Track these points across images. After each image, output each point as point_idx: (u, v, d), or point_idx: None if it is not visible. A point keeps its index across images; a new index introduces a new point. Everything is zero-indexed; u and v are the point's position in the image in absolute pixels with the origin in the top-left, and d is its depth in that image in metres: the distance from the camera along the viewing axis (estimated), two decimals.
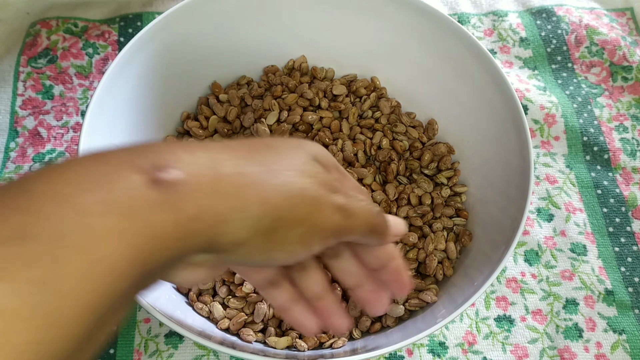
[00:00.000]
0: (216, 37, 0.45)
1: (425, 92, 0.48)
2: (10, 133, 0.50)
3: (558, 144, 0.52)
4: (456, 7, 0.60)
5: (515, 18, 0.59)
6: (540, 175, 0.50)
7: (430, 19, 0.43)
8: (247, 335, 0.38)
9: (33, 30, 0.55)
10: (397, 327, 0.39)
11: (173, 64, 0.44)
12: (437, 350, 0.42)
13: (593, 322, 0.44)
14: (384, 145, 0.46)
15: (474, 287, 0.34)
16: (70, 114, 0.51)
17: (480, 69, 0.42)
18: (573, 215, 0.48)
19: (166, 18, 0.41)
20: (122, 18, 0.56)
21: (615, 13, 0.61)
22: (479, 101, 0.43)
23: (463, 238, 0.42)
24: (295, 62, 0.49)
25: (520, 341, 0.43)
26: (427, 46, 0.45)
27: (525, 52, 0.57)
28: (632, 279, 0.46)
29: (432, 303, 0.39)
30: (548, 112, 0.53)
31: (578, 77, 0.56)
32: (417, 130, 0.47)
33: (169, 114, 0.46)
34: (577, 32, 0.58)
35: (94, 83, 0.53)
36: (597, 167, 0.51)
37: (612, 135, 0.52)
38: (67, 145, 0.49)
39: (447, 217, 0.43)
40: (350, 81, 0.49)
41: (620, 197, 0.49)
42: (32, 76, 0.53)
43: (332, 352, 0.37)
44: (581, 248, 0.47)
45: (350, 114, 0.47)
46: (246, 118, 0.46)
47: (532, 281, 0.45)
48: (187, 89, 0.47)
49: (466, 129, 0.46)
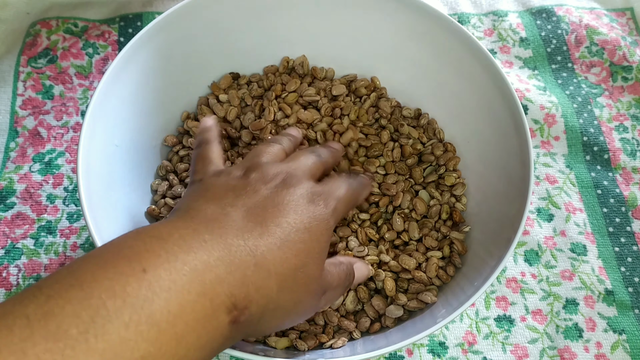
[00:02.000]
0: (216, 37, 0.45)
1: (425, 92, 0.48)
2: (10, 133, 0.50)
3: (558, 144, 0.52)
4: (456, 7, 0.60)
5: (515, 18, 0.59)
6: (540, 175, 0.50)
7: (430, 19, 0.43)
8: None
9: (33, 30, 0.55)
10: (397, 327, 0.39)
11: (173, 64, 0.44)
12: (437, 350, 0.42)
13: (593, 322, 0.44)
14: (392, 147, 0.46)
15: (474, 287, 0.34)
16: (70, 114, 0.51)
17: (480, 69, 0.42)
18: (573, 215, 0.48)
19: (166, 18, 0.41)
20: (122, 18, 0.56)
21: (615, 13, 0.61)
22: (479, 101, 0.43)
23: (455, 258, 0.42)
24: (295, 62, 0.49)
25: (520, 341, 0.43)
26: (427, 46, 0.45)
27: (525, 52, 0.57)
28: (632, 279, 0.46)
29: (431, 304, 0.39)
30: (548, 112, 0.53)
31: (578, 77, 0.56)
32: (417, 131, 0.47)
33: (169, 114, 0.46)
34: (577, 32, 0.58)
35: (94, 83, 0.53)
36: (597, 167, 0.51)
37: (612, 135, 0.52)
38: (67, 145, 0.50)
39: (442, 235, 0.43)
40: (350, 81, 0.49)
41: (620, 197, 0.49)
42: (32, 76, 0.53)
43: (332, 352, 0.37)
44: (581, 248, 0.47)
45: (352, 112, 0.47)
46: (246, 118, 0.46)
47: (532, 281, 0.45)
48: (187, 89, 0.47)
49: (466, 129, 0.46)
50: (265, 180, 0.29)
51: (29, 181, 0.47)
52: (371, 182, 0.35)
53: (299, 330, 0.39)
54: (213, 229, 0.25)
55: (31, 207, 0.47)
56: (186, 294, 0.22)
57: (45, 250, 0.45)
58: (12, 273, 0.44)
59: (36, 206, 0.47)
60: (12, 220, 0.46)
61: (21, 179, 0.48)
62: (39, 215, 0.46)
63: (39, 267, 0.44)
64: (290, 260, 0.26)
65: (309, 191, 0.29)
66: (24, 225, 0.46)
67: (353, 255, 0.41)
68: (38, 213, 0.46)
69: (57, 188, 0.48)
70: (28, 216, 0.46)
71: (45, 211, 0.47)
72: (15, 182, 0.47)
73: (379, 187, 0.44)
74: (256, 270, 0.25)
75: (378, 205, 0.44)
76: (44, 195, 0.47)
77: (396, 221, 0.43)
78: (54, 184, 0.48)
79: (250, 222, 0.26)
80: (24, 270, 0.44)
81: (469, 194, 0.45)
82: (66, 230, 0.46)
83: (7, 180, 0.47)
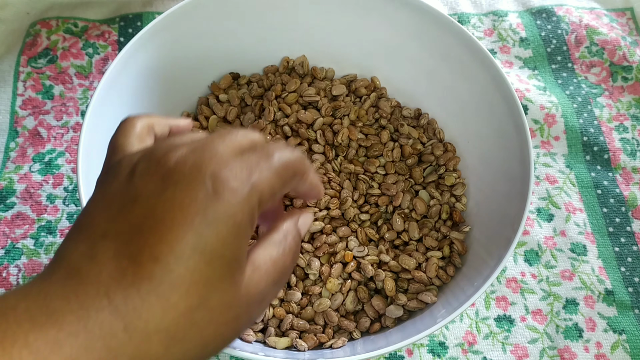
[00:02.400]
0: (216, 37, 0.45)
1: (425, 92, 0.48)
2: (10, 133, 0.50)
3: (558, 144, 0.52)
4: (456, 7, 0.60)
5: (515, 18, 0.59)
6: (540, 175, 0.50)
7: (430, 18, 0.43)
8: (247, 335, 0.38)
9: (33, 30, 0.55)
10: (397, 327, 0.39)
11: (173, 64, 0.44)
12: (437, 350, 0.42)
13: (593, 322, 0.44)
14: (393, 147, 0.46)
15: (474, 287, 0.34)
16: (70, 114, 0.51)
17: (480, 68, 0.42)
18: (573, 215, 0.48)
19: (166, 18, 0.41)
20: (122, 18, 0.56)
21: (615, 13, 0.61)
22: (479, 101, 0.43)
23: (455, 258, 0.42)
24: (295, 62, 0.49)
25: (520, 341, 0.43)
26: (427, 46, 0.45)
27: (525, 52, 0.57)
28: (632, 279, 0.46)
29: (431, 304, 0.39)
30: (548, 112, 0.53)
31: (578, 77, 0.56)
32: (417, 131, 0.47)
33: (169, 114, 0.46)
34: (577, 32, 0.58)
35: (94, 83, 0.53)
36: (597, 167, 0.51)
37: (612, 135, 0.52)
38: (67, 145, 0.50)
39: (442, 235, 0.43)
40: (350, 81, 0.49)
41: (620, 197, 0.49)
42: (32, 76, 0.53)
43: (332, 352, 0.37)
44: (581, 248, 0.47)
45: (352, 112, 0.47)
46: (246, 118, 0.46)
47: (532, 281, 0.45)
48: (187, 88, 0.47)
49: (466, 129, 0.46)
50: (150, 170, 0.21)
51: (29, 181, 0.47)
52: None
53: (299, 330, 0.39)
54: (70, 290, 0.18)
55: (31, 207, 0.47)
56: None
57: (45, 250, 0.45)
58: (12, 273, 0.44)
59: (36, 206, 0.47)
60: (12, 220, 0.46)
61: (21, 179, 0.48)
62: (39, 215, 0.46)
63: (39, 267, 0.44)
64: (177, 305, 0.19)
65: (214, 174, 0.20)
66: (24, 225, 0.46)
67: (353, 255, 0.41)
68: (38, 213, 0.46)
69: (57, 188, 0.48)
70: (28, 216, 0.46)
71: (45, 211, 0.47)
72: (15, 182, 0.47)
73: (379, 187, 0.44)
74: (127, 336, 0.18)
75: (378, 205, 0.44)
76: (44, 195, 0.47)
77: (396, 221, 0.43)
78: (54, 184, 0.48)
79: (124, 259, 0.19)
80: (24, 270, 0.44)
81: (469, 194, 0.45)
82: (66, 230, 0.46)
83: (7, 180, 0.47)
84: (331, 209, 0.42)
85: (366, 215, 0.43)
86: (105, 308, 0.18)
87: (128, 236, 0.19)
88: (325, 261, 0.41)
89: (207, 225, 0.19)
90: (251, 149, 0.22)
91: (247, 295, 0.21)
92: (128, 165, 0.22)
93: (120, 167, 0.22)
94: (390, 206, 0.44)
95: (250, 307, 0.22)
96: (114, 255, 0.19)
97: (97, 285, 0.18)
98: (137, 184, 0.20)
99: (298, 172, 0.23)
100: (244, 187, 0.20)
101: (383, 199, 0.44)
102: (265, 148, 0.22)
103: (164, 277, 0.19)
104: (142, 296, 0.18)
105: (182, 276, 0.19)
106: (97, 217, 0.20)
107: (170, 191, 0.20)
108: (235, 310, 0.21)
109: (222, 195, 0.20)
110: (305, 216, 0.26)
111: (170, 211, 0.19)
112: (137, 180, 0.21)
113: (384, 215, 0.44)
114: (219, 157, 0.21)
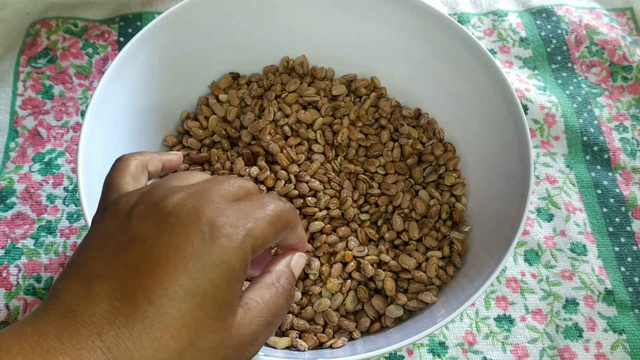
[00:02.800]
0: (216, 37, 0.45)
1: (425, 92, 0.48)
2: (10, 133, 0.50)
3: (558, 144, 0.52)
4: (456, 7, 0.60)
5: (515, 18, 0.59)
6: (540, 175, 0.50)
7: (430, 18, 0.43)
8: None
9: (33, 30, 0.55)
10: (397, 327, 0.39)
11: (173, 64, 0.44)
12: (437, 350, 0.42)
13: (593, 322, 0.44)
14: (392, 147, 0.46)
15: (474, 287, 0.34)
16: (70, 113, 0.51)
17: (480, 68, 0.42)
18: (573, 215, 0.48)
19: (166, 18, 0.41)
20: (121, 18, 0.56)
21: (615, 13, 0.61)
22: (479, 101, 0.43)
23: (455, 258, 0.42)
24: (295, 62, 0.49)
25: (520, 341, 0.43)
26: (427, 46, 0.45)
27: (525, 52, 0.57)
28: (632, 278, 0.46)
29: (431, 303, 0.39)
30: (548, 112, 0.53)
31: (578, 77, 0.56)
32: (417, 131, 0.47)
33: (169, 114, 0.46)
34: (577, 32, 0.58)
35: (94, 83, 0.53)
36: (597, 167, 0.51)
37: (612, 135, 0.52)
38: (67, 145, 0.50)
39: (442, 234, 0.43)
40: (350, 81, 0.49)
41: (620, 197, 0.49)
42: (32, 76, 0.53)
43: (332, 352, 0.37)
44: (581, 248, 0.47)
45: (352, 112, 0.47)
46: (246, 118, 0.46)
47: (532, 281, 0.45)
48: (187, 89, 0.47)
49: (466, 129, 0.46)
50: (147, 213, 0.21)
51: (29, 181, 0.48)
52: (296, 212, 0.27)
53: (299, 330, 0.39)
54: (63, 330, 0.19)
55: (31, 207, 0.47)
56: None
57: (45, 250, 0.45)
58: (12, 273, 0.44)
59: (36, 206, 0.47)
60: (12, 220, 0.46)
61: (21, 179, 0.48)
62: (39, 215, 0.46)
63: (39, 267, 0.44)
64: (168, 346, 0.19)
65: (210, 220, 0.21)
66: (24, 225, 0.46)
67: (353, 255, 0.41)
68: (38, 213, 0.46)
69: (57, 188, 0.48)
70: (28, 216, 0.46)
71: (45, 211, 0.47)
72: (15, 182, 0.47)
73: (379, 187, 0.44)
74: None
75: (378, 205, 0.44)
76: (44, 195, 0.47)
77: (396, 221, 0.43)
78: (54, 184, 0.48)
79: (117, 300, 0.19)
80: (24, 270, 0.44)
81: (469, 194, 0.45)
82: (66, 230, 0.46)
83: (7, 180, 0.47)
84: (331, 208, 0.42)
85: (366, 215, 0.43)
86: (98, 349, 0.18)
87: (123, 277, 0.20)
88: (325, 261, 0.41)
89: (201, 269, 0.20)
90: (246, 198, 0.23)
91: (238, 336, 0.22)
92: (125, 205, 0.22)
93: (117, 207, 0.23)
94: (390, 206, 0.44)
95: (240, 348, 0.22)
96: (108, 296, 0.20)
97: (90, 326, 0.19)
98: (134, 226, 0.21)
99: (289, 224, 0.25)
100: (239, 233, 0.21)
101: (383, 199, 0.44)
102: (260, 198, 0.24)
103: (156, 319, 0.19)
104: (134, 337, 0.19)
105: (174, 318, 0.20)
106: (92, 256, 0.21)
107: (167, 234, 0.21)
108: (226, 351, 0.22)
109: (218, 241, 0.21)
110: (298, 257, 0.28)
111: (166, 254, 0.20)
112: (134, 221, 0.21)
113: (384, 215, 0.44)
114: (216, 203, 0.22)
